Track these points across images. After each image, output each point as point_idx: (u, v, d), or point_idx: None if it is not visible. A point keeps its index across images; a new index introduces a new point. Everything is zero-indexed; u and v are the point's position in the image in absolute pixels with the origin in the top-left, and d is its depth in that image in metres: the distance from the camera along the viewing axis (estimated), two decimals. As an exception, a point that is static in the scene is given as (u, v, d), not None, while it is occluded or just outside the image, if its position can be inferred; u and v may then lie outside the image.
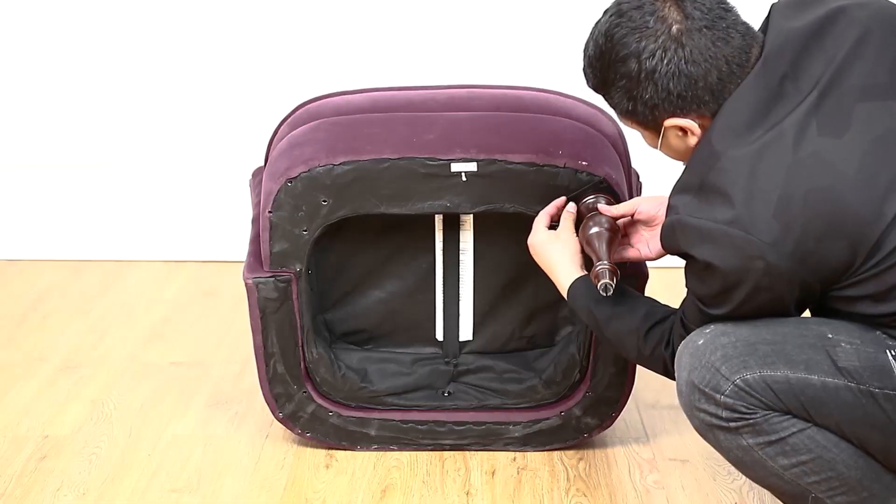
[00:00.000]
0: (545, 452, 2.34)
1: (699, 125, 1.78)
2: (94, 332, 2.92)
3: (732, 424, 1.76)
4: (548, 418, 2.32)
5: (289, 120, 2.36)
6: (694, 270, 1.78)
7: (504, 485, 2.24)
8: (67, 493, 2.20)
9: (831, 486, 1.78)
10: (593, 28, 1.87)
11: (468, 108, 2.27)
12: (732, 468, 2.26)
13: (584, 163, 2.14)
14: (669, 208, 1.78)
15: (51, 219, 3.41)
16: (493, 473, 2.27)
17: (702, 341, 1.78)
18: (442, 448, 2.34)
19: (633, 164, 2.38)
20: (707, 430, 1.80)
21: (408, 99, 2.30)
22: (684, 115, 1.77)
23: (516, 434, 2.33)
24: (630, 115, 1.83)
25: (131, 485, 2.23)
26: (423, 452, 2.34)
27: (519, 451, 2.34)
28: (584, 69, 1.91)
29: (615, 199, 2.14)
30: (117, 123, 3.35)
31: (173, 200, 3.39)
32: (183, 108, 3.33)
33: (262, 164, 2.48)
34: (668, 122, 1.79)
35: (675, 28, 1.75)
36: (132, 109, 3.34)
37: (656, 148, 1.87)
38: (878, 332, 1.75)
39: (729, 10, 1.78)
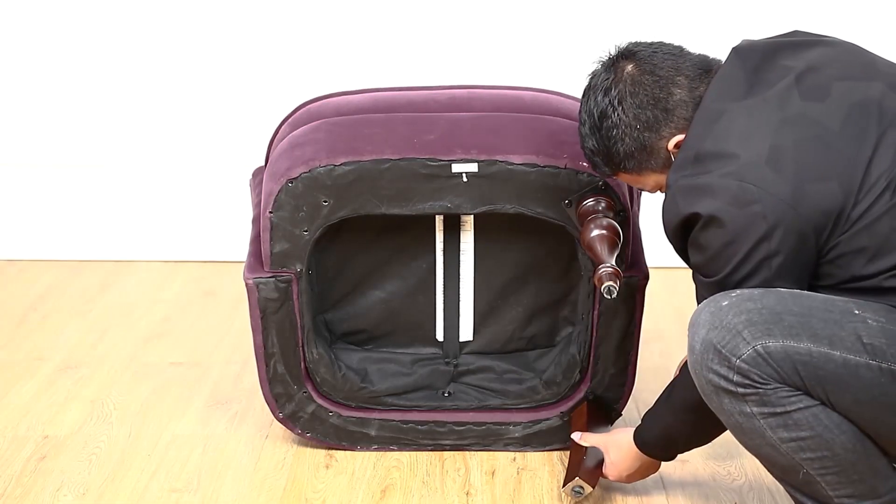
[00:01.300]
0: (545, 452, 2.34)
1: None
2: (94, 332, 2.92)
3: (741, 390, 1.76)
4: (548, 419, 2.32)
5: (289, 120, 2.36)
6: (697, 238, 1.80)
7: (504, 485, 2.24)
8: (67, 493, 2.20)
9: (825, 465, 1.79)
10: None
11: (469, 108, 2.27)
12: (733, 468, 2.26)
13: (584, 164, 2.14)
14: (667, 187, 1.85)
15: (51, 219, 3.41)
16: (493, 473, 2.27)
17: (726, 302, 1.77)
18: (442, 448, 2.34)
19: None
20: (713, 392, 1.80)
21: (408, 99, 2.30)
22: (680, 132, 1.88)
23: (516, 434, 2.33)
24: (643, 165, 1.92)
25: (131, 485, 2.23)
26: (423, 452, 2.34)
27: (519, 451, 2.34)
28: (591, 160, 1.99)
29: (614, 201, 2.14)
30: (117, 124, 3.35)
31: (173, 200, 3.39)
32: (183, 109, 3.33)
33: (263, 164, 2.48)
34: (671, 144, 1.89)
35: (629, 67, 1.90)
36: (132, 110, 3.34)
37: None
38: None
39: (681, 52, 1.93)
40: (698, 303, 1.87)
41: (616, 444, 2.13)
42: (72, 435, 2.41)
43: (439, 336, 2.41)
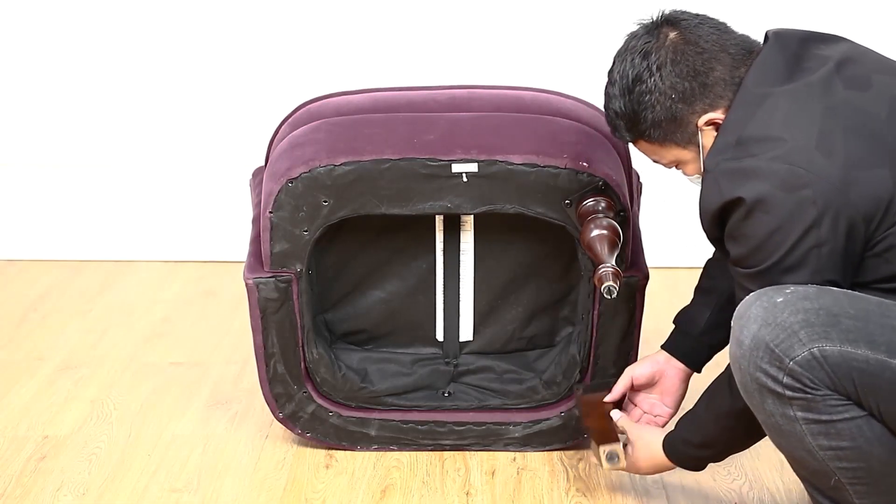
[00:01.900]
0: (545, 452, 2.34)
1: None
2: (94, 332, 2.92)
3: (788, 393, 1.70)
4: (548, 419, 2.32)
5: (289, 120, 2.36)
6: (739, 227, 1.74)
7: (504, 485, 2.24)
8: (67, 493, 2.20)
9: (857, 475, 1.75)
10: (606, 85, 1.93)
11: (469, 108, 2.27)
12: (732, 468, 2.26)
13: (584, 164, 2.14)
14: (706, 171, 1.79)
15: (51, 219, 3.41)
16: (493, 473, 2.27)
17: (781, 299, 1.70)
18: (442, 448, 2.34)
19: (634, 165, 2.38)
20: (756, 390, 1.73)
21: (408, 99, 2.30)
22: (713, 109, 1.82)
23: (516, 434, 2.33)
24: (668, 137, 1.87)
25: (131, 485, 2.23)
26: (423, 452, 2.34)
27: (519, 451, 2.34)
28: (613, 123, 1.92)
29: (614, 201, 2.14)
30: (118, 123, 3.35)
31: (173, 200, 3.39)
32: (183, 109, 3.33)
33: (263, 164, 2.48)
34: (702, 121, 1.83)
35: (672, 34, 1.84)
36: (132, 110, 3.34)
37: (699, 174, 1.88)
38: None
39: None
40: (738, 296, 1.81)
41: (644, 443, 2.07)
42: (72, 435, 2.41)
43: (439, 336, 2.41)
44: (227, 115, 3.32)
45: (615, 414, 2.16)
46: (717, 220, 1.80)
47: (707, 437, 1.97)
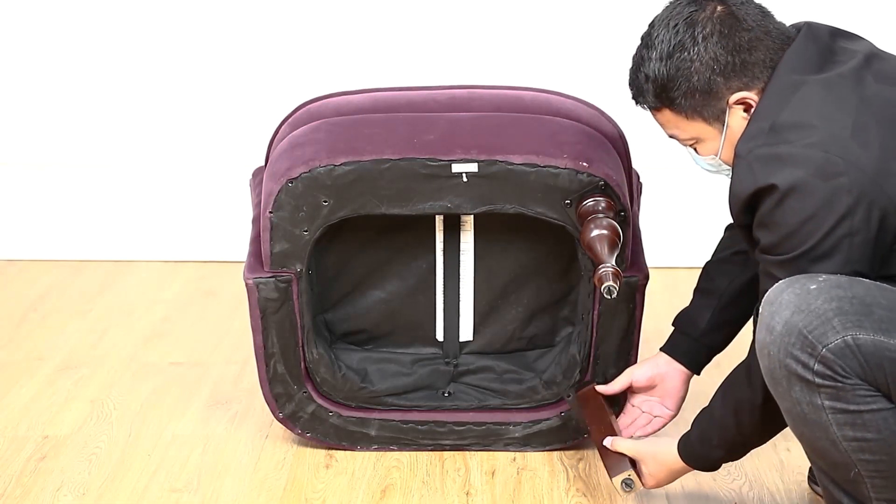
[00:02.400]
0: (545, 452, 2.34)
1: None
2: (94, 332, 2.92)
3: (818, 381, 1.69)
4: (548, 419, 2.32)
5: (289, 120, 2.36)
6: (771, 214, 1.73)
7: (504, 485, 2.24)
8: (67, 493, 2.20)
9: (878, 468, 1.74)
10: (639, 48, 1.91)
11: (469, 108, 2.27)
12: (733, 468, 2.26)
13: (584, 164, 2.14)
14: (737, 157, 1.78)
15: (51, 219, 3.41)
16: (493, 473, 2.27)
17: (814, 286, 1.70)
18: (442, 448, 2.34)
19: (634, 165, 2.38)
20: (784, 377, 1.72)
21: (408, 99, 2.30)
22: (748, 89, 1.83)
23: (516, 434, 2.33)
24: (697, 109, 1.85)
25: (131, 485, 2.23)
26: (423, 452, 2.34)
27: (519, 451, 2.34)
28: (640, 87, 1.90)
29: (614, 201, 2.14)
30: (118, 123, 3.35)
31: (173, 200, 3.39)
32: (183, 109, 3.33)
33: (263, 164, 2.48)
34: (734, 98, 1.83)
35: (719, 8, 1.83)
36: (132, 109, 3.34)
37: (715, 154, 1.88)
38: None
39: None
40: (764, 285, 1.80)
41: (654, 456, 2.05)
42: (72, 435, 2.41)
43: (439, 336, 2.41)
44: (227, 115, 3.32)
45: (607, 442, 2.13)
46: (747, 207, 1.79)
47: (726, 433, 1.95)
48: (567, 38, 3.25)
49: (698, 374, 2.17)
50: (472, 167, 2.15)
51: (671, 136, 1.94)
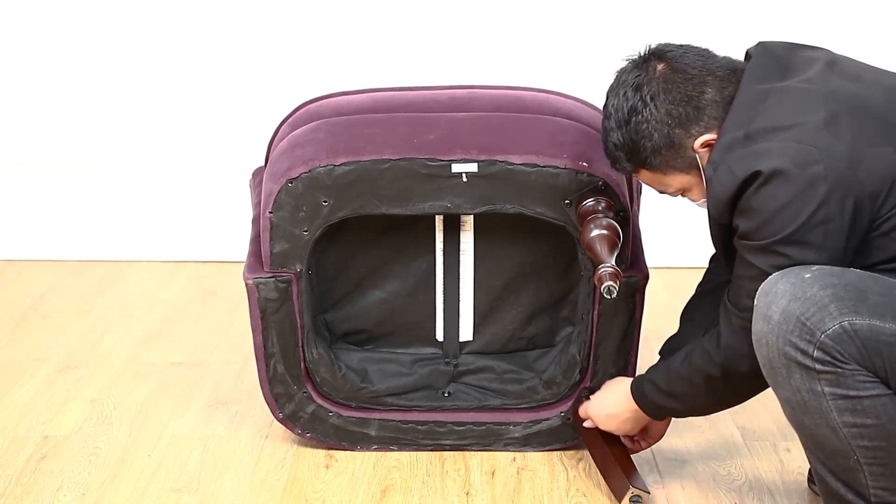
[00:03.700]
0: (545, 452, 2.34)
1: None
2: (94, 332, 2.92)
3: (818, 367, 1.73)
4: (548, 419, 2.32)
5: (289, 120, 2.36)
6: (751, 200, 1.78)
7: (504, 485, 2.24)
8: (67, 493, 2.20)
9: (877, 455, 1.77)
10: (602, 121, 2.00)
11: (469, 108, 2.27)
12: (732, 468, 2.27)
13: (584, 164, 2.14)
14: (712, 164, 1.84)
15: (51, 219, 3.41)
16: (493, 473, 2.27)
17: (808, 275, 1.74)
18: (442, 448, 2.34)
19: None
20: (783, 365, 1.76)
21: (408, 99, 2.30)
22: (708, 131, 1.89)
23: (516, 434, 2.33)
24: (668, 163, 1.92)
25: (131, 485, 2.23)
26: (423, 452, 2.34)
27: (519, 451, 2.34)
28: (613, 155, 1.98)
29: (614, 201, 2.14)
30: (117, 123, 3.35)
31: (173, 200, 3.39)
32: (183, 109, 3.33)
33: (263, 164, 2.48)
34: (698, 143, 1.89)
35: (660, 66, 1.91)
36: (132, 109, 3.34)
37: (705, 197, 1.92)
38: None
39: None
40: (737, 272, 1.86)
41: (611, 384, 2.16)
42: (72, 435, 2.41)
43: (439, 336, 2.41)
44: (227, 115, 3.32)
45: (588, 423, 2.21)
46: (730, 205, 1.83)
47: (674, 387, 2.02)
48: (567, 38, 3.25)
49: None
50: (472, 167, 2.15)
51: (661, 192, 2.01)
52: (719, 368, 1.93)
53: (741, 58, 1.97)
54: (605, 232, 2.07)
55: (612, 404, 2.14)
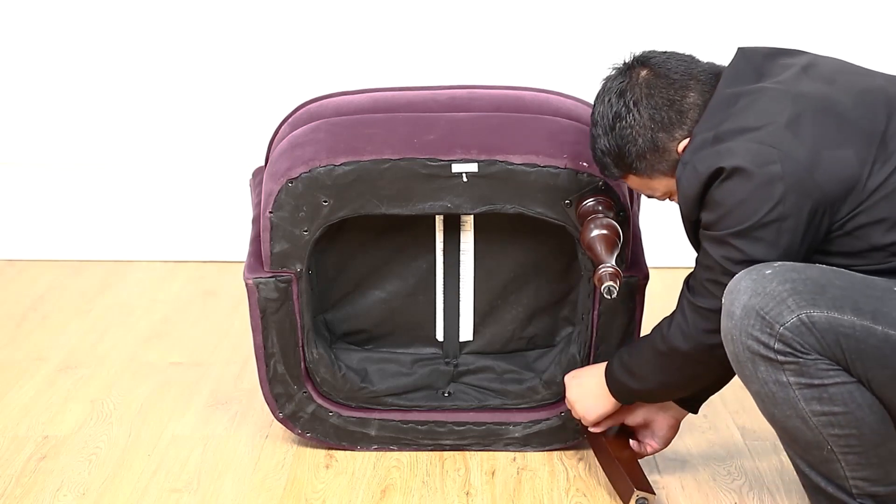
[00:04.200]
0: (545, 452, 2.34)
1: None
2: (94, 332, 2.92)
3: (780, 358, 1.78)
4: (548, 419, 2.32)
5: (289, 120, 2.36)
6: (713, 193, 1.83)
7: (504, 485, 2.24)
8: (67, 493, 2.20)
9: (850, 443, 1.81)
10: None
11: (469, 108, 2.27)
12: (732, 468, 2.27)
13: (584, 164, 2.14)
14: (682, 164, 1.89)
15: (51, 219, 3.41)
16: (493, 473, 2.27)
17: (769, 271, 1.79)
18: (442, 448, 2.34)
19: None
20: (749, 359, 1.81)
21: (408, 99, 2.30)
22: (688, 136, 1.92)
23: (516, 434, 2.33)
24: (654, 167, 1.96)
25: (131, 485, 2.23)
26: (423, 452, 2.34)
27: (519, 451, 2.34)
28: (601, 161, 2.02)
29: (614, 201, 2.14)
30: (117, 123, 3.35)
31: (173, 200, 3.39)
32: (183, 109, 3.33)
33: (263, 164, 2.48)
34: (681, 147, 1.93)
35: (644, 72, 1.95)
36: (132, 109, 3.34)
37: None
38: None
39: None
40: (697, 258, 1.92)
41: (589, 367, 2.19)
42: (72, 435, 2.41)
43: (439, 336, 2.41)
44: (227, 115, 3.32)
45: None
46: (698, 202, 1.88)
47: (633, 366, 2.06)
48: (567, 38, 3.26)
49: (695, 412, 2.22)
50: (472, 167, 2.15)
51: (650, 197, 2.05)
52: (666, 346, 1.99)
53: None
54: (605, 232, 2.07)
55: (586, 379, 2.17)
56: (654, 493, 2.10)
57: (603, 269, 2.04)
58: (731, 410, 2.47)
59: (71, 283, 3.24)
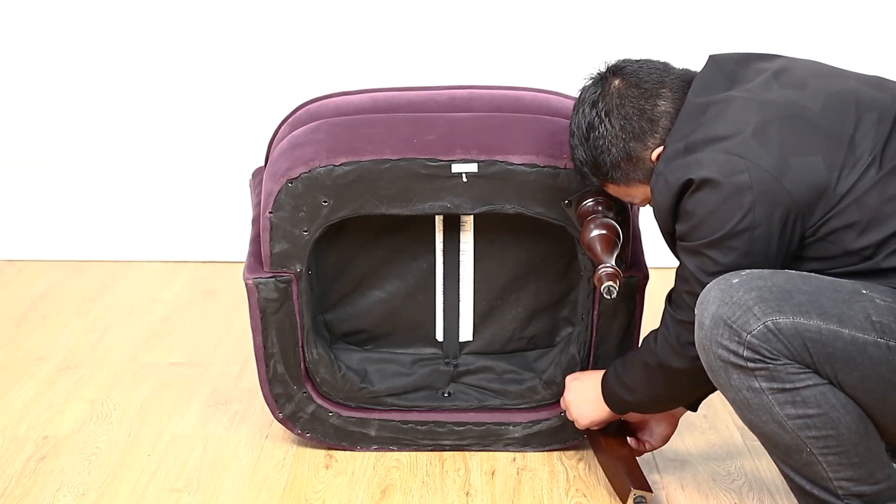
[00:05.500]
0: (545, 453, 2.34)
1: None
2: (94, 332, 2.92)
3: (751, 365, 1.79)
4: (548, 419, 2.32)
5: (289, 120, 2.36)
6: (685, 204, 1.85)
7: (504, 485, 2.24)
8: (67, 493, 2.20)
9: (828, 444, 1.82)
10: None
11: (469, 108, 2.27)
12: (732, 468, 2.27)
13: (584, 164, 2.14)
14: (654, 175, 1.91)
15: (51, 219, 3.41)
16: (493, 474, 2.27)
17: (736, 280, 1.81)
18: (442, 448, 2.34)
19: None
20: (721, 368, 1.83)
21: (408, 99, 2.30)
22: (663, 143, 1.93)
23: (516, 434, 2.33)
24: (630, 176, 1.98)
25: (131, 485, 2.23)
26: (423, 453, 2.34)
27: (519, 451, 2.34)
28: (580, 171, 2.05)
29: (614, 202, 2.14)
30: (117, 123, 3.35)
31: (173, 200, 3.39)
32: (183, 109, 3.33)
33: (263, 164, 2.48)
34: (655, 155, 1.94)
35: (616, 82, 1.96)
36: (132, 109, 3.34)
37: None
38: None
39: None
40: (678, 273, 1.93)
41: (585, 376, 2.19)
42: (72, 435, 2.41)
43: (439, 336, 2.41)
44: (227, 115, 3.32)
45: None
46: (672, 213, 1.89)
47: (626, 377, 2.07)
48: (567, 38, 3.26)
49: (695, 410, 2.23)
50: (472, 167, 2.15)
51: (631, 204, 2.08)
52: (655, 360, 2.00)
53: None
54: (604, 232, 2.07)
55: (584, 384, 2.18)
56: (652, 492, 2.10)
57: (602, 270, 2.04)
58: (731, 410, 2.47)
59: (71, 283, 3.24)
